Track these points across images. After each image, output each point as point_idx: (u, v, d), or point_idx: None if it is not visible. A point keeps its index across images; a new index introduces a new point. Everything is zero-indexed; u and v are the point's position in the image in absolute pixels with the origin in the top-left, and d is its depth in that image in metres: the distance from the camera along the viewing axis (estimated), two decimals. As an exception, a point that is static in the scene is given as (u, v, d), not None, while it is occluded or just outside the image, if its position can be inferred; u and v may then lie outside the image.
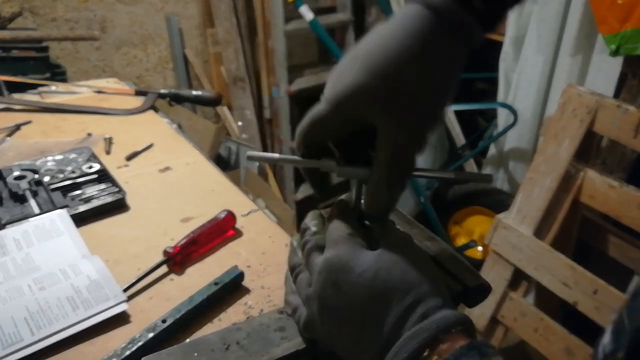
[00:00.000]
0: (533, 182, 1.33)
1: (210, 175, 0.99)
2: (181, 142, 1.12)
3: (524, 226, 1.34)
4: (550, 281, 1.27)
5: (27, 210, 0.82)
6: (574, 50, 1.72)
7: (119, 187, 0.88)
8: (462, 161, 2.26)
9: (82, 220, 0.81)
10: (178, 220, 0.83)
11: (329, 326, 0.45)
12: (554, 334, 1.29)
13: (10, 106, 1.24)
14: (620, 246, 1.37)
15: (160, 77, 2.57)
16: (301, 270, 0.50)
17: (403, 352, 0.38)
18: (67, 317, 0.62)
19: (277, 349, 0.49)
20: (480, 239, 2.08)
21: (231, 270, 0.69)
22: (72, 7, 2.21)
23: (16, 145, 1.06)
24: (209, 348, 0.49)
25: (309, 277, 0.48)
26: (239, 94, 2.56)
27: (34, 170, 0.91)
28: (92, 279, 0.66)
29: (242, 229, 0.81)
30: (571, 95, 1.27)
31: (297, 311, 0.49)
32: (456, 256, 0.59)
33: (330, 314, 0.44)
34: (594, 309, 1.19)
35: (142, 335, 0.58)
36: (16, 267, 0.70)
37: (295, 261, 0.52)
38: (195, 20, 2.56)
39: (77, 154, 0.98)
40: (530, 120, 1.97)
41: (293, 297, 0.51)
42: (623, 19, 1.40)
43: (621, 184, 1.20)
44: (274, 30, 2.34)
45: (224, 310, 0.65)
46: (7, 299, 0.64)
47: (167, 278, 0.70)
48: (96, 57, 2.35)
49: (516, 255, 1.35)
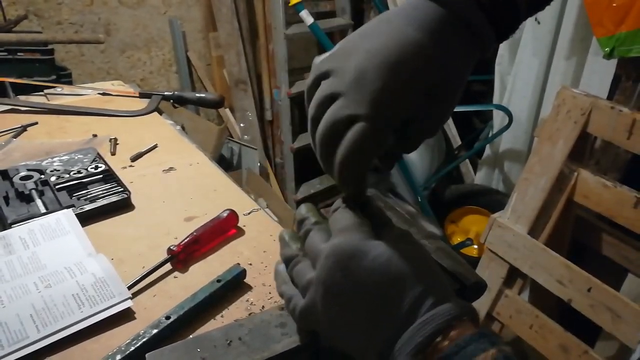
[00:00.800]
0: (528, 182, 1.35)
1: (213, 175, 1.01)
2: (184, 143, 1.13)
3: (518, 225, 1.36)
4: (545, 279, 1.29)
5: (33, 209, 0.83)
6: (569, 52, 1.73)
7: (124, 187, 0.90)
8: (458, 162, 2.28)
9: (87, 219, 0.82)
10: (181, 220, 0.85)
11: (333, 313, 0.43)
12: (549, 331, 1.30)
13: (16, 107, 1.25)
14: (614, 245, 1.38)
15: (164, 79, 2.59)
16: (299, 260, 0.49)
17: (418, 336, 0.38)
18: (73, 314, 0.62)
19: (278, 345, 0.50)
20: (476, 237, 2.09)
21: (233, 268, 0.70)
22: (76, 10, 2.23)
23: (22, 145, 1.07)
24: (211, 344, 0.50)
25: (309, 264, 0.47)
26: (241, 96, 2.58)
27: (40, 171, 0.92)
28: (97, 277, 0.68)
29: (244, 228, 0.83)
30: (566, 97, 1.29)
31: (291, 300, 0.48)
32: (453, 254, 0.60)
33: (336, 301, 0.43)
34: (588, 307, 1.21)
35: (146, 331, 0.59)
36: (22, 266, 0.71)
37: (290, 252, 0.50)
38: (197, 23, 2.58)
39: (82, 154, 0.99)
40: (525, 122, 1.99)
41: (286, 287, 0.50)
42: (618, 21, 1.42)
43: (615, 184, 1.22)
44: (275, 34, 2.36)
45: (226, 307, 0.66)
46: (14, 297, 0.65)
47: (170, 276, 0.72)
48: (101, 59, 2.37)
49: (511, 254, 1.36)
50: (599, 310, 1.19)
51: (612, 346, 1.43)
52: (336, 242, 0.44)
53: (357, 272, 0.41)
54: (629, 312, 1.13)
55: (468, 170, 2.37)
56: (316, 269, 0.44)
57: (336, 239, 0.44)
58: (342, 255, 0.42)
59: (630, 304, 1.13)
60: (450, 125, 2.35)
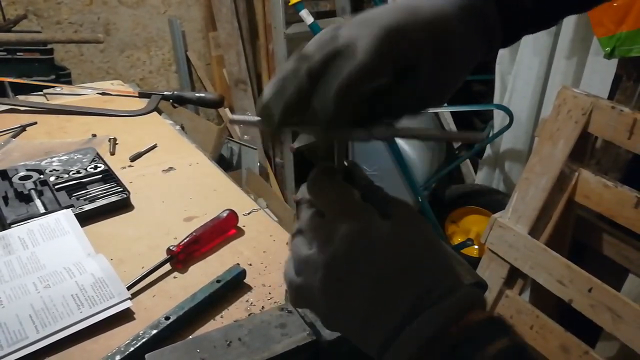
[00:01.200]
0: (528, 182, 1.35)
1: (213, 175, 1.01)
2: (184, 143, 1.13)
3: (519, 225, 1.36)
4: (545, 279, 1.29)
5: (32, 209, 0.83)
6: (570, 52, 1.73)
7: (123, 187, 0.90)
8: (459, 162, 2.27)
9: (86, 219, 0.82)
10: (181, 220, 0.85)
11: (332, 298, 0.39)
12: (549, 331, 1.30)
13: (15, 107, 1.25)
14: (614, 245, 1.38)
15: (163, 79, 2.59)
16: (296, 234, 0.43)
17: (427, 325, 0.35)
18: (72, 314, 0.63)
19: (278, 345, 0.51)
20: (476, 237, 2.09)
21: (233, 269, 0.70)
22: (76, 10, 2.23)
23: (21, 145, 1.07)
24: (211, 345, 0.50)
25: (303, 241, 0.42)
26: (241, 96, 2.58)
27: (39, 171, 0.92)
28: (96, 277, 0.68)
29: (243, 228, 0.83)
30: (566, 96, 1.29)
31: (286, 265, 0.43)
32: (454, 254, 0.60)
33: (337, 285, 0.39)
34: (589, 307, 1.20)
35: (146, 332, 0.59)
36: (22, 266, 0.71)
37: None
38: (197, 23, 2.58)
39: (82, 154, 0.99)
40: (525, 122, 1.99)
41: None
42: (619, 21, 1.42)
43: (615, 184, 1.22)
44: (275, 34, 2.36)
45: (226, 307, 0.66)
46: (13, 297, 0.65)
47: (170, 276, 0.72)
48: (100, 59, 2.37)
49: (512, 254, 1.36)
50: (599, 311, 1.18)
51: (613, 346, 1.43)
52: (340, 224, 0.39)
53: (363, 256, 0.38)
54: (630, 312, 1.13)
55: (468, 170, 2.37)
56: (313, 250, 0.40)
57: (338, 219, 0.39)
58: (348, 238, 0.38)
59: (631, 304, 1.13)
60: (451, 125, 2.35)
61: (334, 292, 0.39)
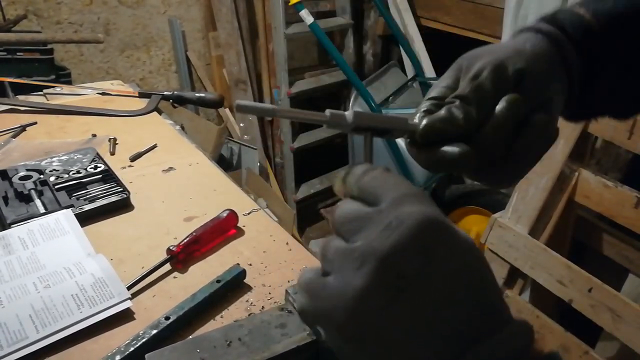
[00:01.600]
0: (528, 182, 1.35)
1: (213, 175, 1.01)
2: (184, 143, 1.13)
3: (519, 225, 1.36)
4: (546, 279, 1.29)
5: (32, 209, 0.83)
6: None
7: (123, 187, 0.90)
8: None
9: (86, 219, 0.82)
10: (181, 220, 0.85)
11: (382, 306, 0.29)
12: (550, 331, 1.30)
13: (15, 107, 1.25)
14: (614, 245, 1.38)
15: (163, 79, 2.59)
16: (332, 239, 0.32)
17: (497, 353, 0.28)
18: (72, 314, 0.63)
19: (278, 345, 0.51)
20: (476, 237, 2.09)
21: (233, 269, 0.70)
22: (76, 10, 2.22)
23: (21, 145, 1.07)
24: (211, 345, 0.51)
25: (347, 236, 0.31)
26: (241, 96, 2.58)
27: (39, 171, 0.92)
28: (96, 277, 0.68)
29: (243, 228, 0.83)
30: (567, 97, 1.29)
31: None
32: None
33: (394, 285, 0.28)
34: (589, 307, 1.20)
35: (146, 332, 0.59)
36: (22, 266, 0.71)
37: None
38: (197, 23, 2.58)
39: (82, 154, 0.99)
40: (527, 122, 1.99)
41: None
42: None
43: (615, 184, 1.22)
44: (275, 34, 2.36)
45: (226, 307, 0.66)
46: (13, 297, 0.65)
47: (170, 276, 0.72)
48: (100, 59, 2.37)
49: (512, 254, 1.36)
50: (599, 311, 1.18)
51: (613, 346, 1.43)
52: (412, 210, 0.30)
53: (439, 256, 0.29)
54: (630, 312, 1.13)
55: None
56: (358, 243, 0.30)
57: (406, 206, 0.30)
58: (428, 229, 0.29)
59: (631, 304, 1.13)
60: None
61: (391, 293, 0.29)
